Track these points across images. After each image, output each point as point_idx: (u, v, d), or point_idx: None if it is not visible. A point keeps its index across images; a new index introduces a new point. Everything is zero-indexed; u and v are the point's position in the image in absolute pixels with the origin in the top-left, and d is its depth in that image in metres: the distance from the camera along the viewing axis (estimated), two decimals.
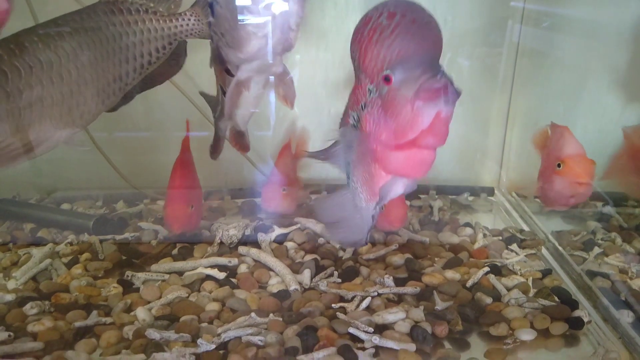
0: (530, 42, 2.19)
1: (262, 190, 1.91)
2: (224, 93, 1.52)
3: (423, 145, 1.07)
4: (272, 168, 1.93)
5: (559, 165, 1.59)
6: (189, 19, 1.43)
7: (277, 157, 1.92)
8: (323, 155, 1.36)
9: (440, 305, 1.48)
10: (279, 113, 2.10)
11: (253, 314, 1.41)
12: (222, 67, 1.43)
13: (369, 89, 1.13)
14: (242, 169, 2.24)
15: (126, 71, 1.40)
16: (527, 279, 1.65)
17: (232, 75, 1.41)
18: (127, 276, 1.60)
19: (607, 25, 2.10)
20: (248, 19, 1.22)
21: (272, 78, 1.48)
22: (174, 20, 1.43)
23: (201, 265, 1.65)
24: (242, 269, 1.67)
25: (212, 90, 1.71)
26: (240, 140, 1.70)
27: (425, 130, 1.03)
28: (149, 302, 1.49)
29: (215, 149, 1.72)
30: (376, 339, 1.32)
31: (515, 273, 1.69)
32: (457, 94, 1.03)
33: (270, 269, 1.66)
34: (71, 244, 1.78)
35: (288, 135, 1.98)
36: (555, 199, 1.66)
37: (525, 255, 1.78)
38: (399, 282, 1.60)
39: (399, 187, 1.24)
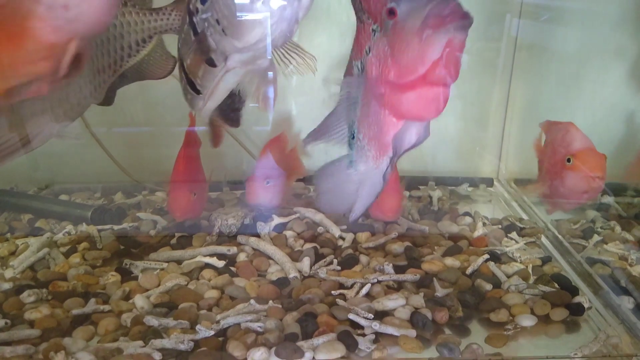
0: (528, 36, 2.19)
1: (245, 183, 1.87)
2: (189, 83, 1.42)
3: (435, 80, 0.98)
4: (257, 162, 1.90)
5: (568, 161, 1.51)
6: (170, 14, 1.40)
7: (261, 151, 1.89)
8: (320, 132, 1.28)
9: (440, 292, 1.48)
10: (278, 108, 2.10)
11: (252, 301, 1.40)
12: (203, 57, 1.31)
13: (372, 30, 1.06)
14: (242, 163, 2.24)
15: (106, 64, 1.38)
16: (526, 266, 1.65)
17: (214, 66, 1.30)
18: (126, 265, 1.60)
19: (605, 16, 2.10)
20: (253, 7, 1.12)
21: (270, 74, 1.39)
22: (153, 14, 1.40)
23: (200, 253, 1.65)
24: (241, 257, 1.67)
25: None
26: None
27: (436, 62, 0.95)
28: (147, 290, 1.49)
29: (212, 138, 1.70)
30: (376, 325, 1.32)
31: (515, 260, 1.69)
32: (470, 19, 0.94)
33: (269, 258, 1.66)
34: (69, 234, 1.78)
35: (277, 129, 1.96)
36: (567, 196, 1.58)
37: (525, 243, 1.79)
38: (399, 269, 1.60)
39: (412, 135, 1.16)
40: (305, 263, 1.60)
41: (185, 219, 1.78)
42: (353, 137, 1.26)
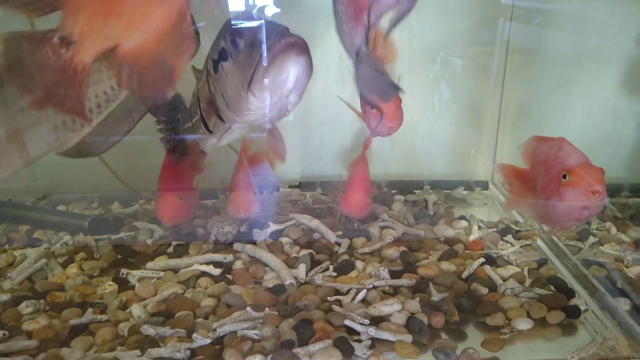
0: (521, 39, 2.21)
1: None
2: (203, 122, 1.51)
3: None
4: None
5: (564, 177, 1.40)
6: None
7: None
8: None
9: (436, 296, 1.48)
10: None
11: (249, 309, 1.40)
12: (215, 112, 1.40)
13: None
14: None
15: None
16: (522, 269, 1.65)
17: (223, 121, 1.40)
18: (123, 274, 1.60)
19: (597, 20, 2.12)
20: (257, 94, 1.20)
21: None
22: None
23: (196, 262, 1.66)
24: (238, 265, 1.67)
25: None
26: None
27: None
28: (144, 299, 1.49)
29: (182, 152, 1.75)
30: (372, 331, 1.32)
31: (511, 263, 1.69)
32: None
33: (265, 265, 1.66)
34: (66, 244, 1.78)
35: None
36: (565, 215, 1.45)
37: (521, 246, 1.79)
38: (395, 274, 1.60)
39: None
40: (301, 269, 1.60)
41: (174, 224, 1.78)
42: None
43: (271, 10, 1.92)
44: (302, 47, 1.12)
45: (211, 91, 1.32)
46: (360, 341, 1.31)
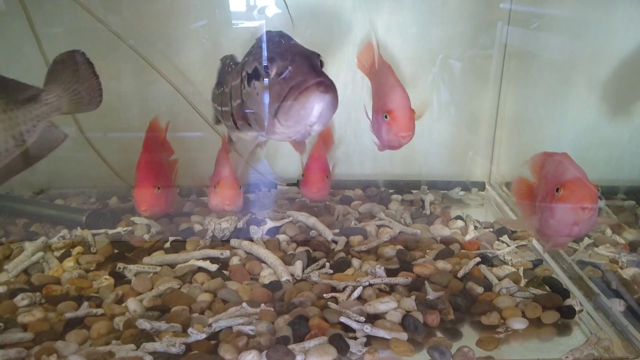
0: (518, 43, 2.22)
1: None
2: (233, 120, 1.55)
3: None
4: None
5: (557, 191, 1.39)
6: (47, 100, 1.42)
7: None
8: None
9: (431, 295, 1.48)
10: None
11: (244, 304, 1.41)
12: (244, 117, 1.44)
13: None
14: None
15: None
16: (518, 269, 1.66)
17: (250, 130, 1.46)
18: (119, 268, 1.60)
19: (594, 25, 2.13)
20: (283, 122, 1.26)
21: None
22: (33, 105, 1.40)
23: (193, 257, 1.66)
24: (234, 261, 1.67)
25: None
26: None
27: None
28: (140, 294, 1.49)
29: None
30: (367, 328, 1.32)
31: (506, 263, 1.70)
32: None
33: (262, 261, 1.67)
34: (64, 238, 1.78)
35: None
36: (556, 230, 1.43)
37: (516, 247, 1.80)
38: (391, 272, 1.61)
39: None
40: (298, 266, 1.61)
41: (153, 214, 1.78)
42: None
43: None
44: (328, 86, 1.19)
45: (243, 100, 1.38)
46: (355, 338, 1.32)
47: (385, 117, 1.55)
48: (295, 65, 1.22)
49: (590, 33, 2.14)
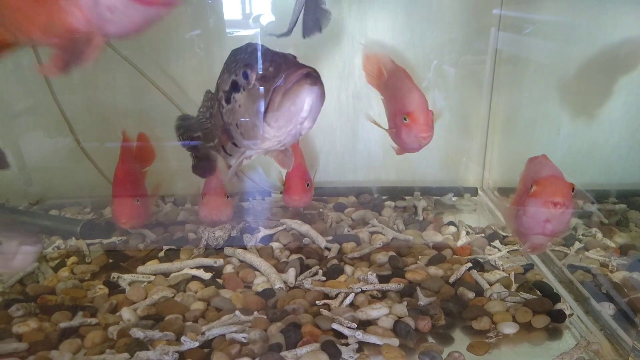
0: (510, 49, 2.24)
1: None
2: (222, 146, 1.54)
3: None
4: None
5: (531, 188, 1.40)
6: None
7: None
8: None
9: (423, 300, 1.50)
10: None
11: (237, 312, 1.42)
12: (230, 139, 1.41)
13: None
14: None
15: None
16: (509, 274, 1.67)
17: (237, 147, 1.41)
18: (114, 278, 1.62)
19: (583, 30, 2.15)
20: (273, 124, 1.22)
21: None
22: None
23: (187, 266, 1.67)
24: (228, 269, 1.69)
25: None
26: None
27: None
28: (134, 303, 1.50)
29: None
30: (359, 335, 1.33)
31: (498, 268, 1.71)
32: None
33: (255, 269, 1.68)
34: (58, 248, 1.79)
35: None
36: (529, 227, 1.43)
37: (508, 251, 1.81)
38: (383, 279, 1.62)
39: None
40: (291, 274, 1.62)
41: (132, 226, 1.80)
42: None
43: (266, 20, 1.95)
44: (315, 77, 1.15)
45: (224, 120, 1.35)
46: (347, 345, 1.33)
47: (405, 119, 1.56)
48: (275, 65, 1.18)
49: (581, 38, 2.16)
